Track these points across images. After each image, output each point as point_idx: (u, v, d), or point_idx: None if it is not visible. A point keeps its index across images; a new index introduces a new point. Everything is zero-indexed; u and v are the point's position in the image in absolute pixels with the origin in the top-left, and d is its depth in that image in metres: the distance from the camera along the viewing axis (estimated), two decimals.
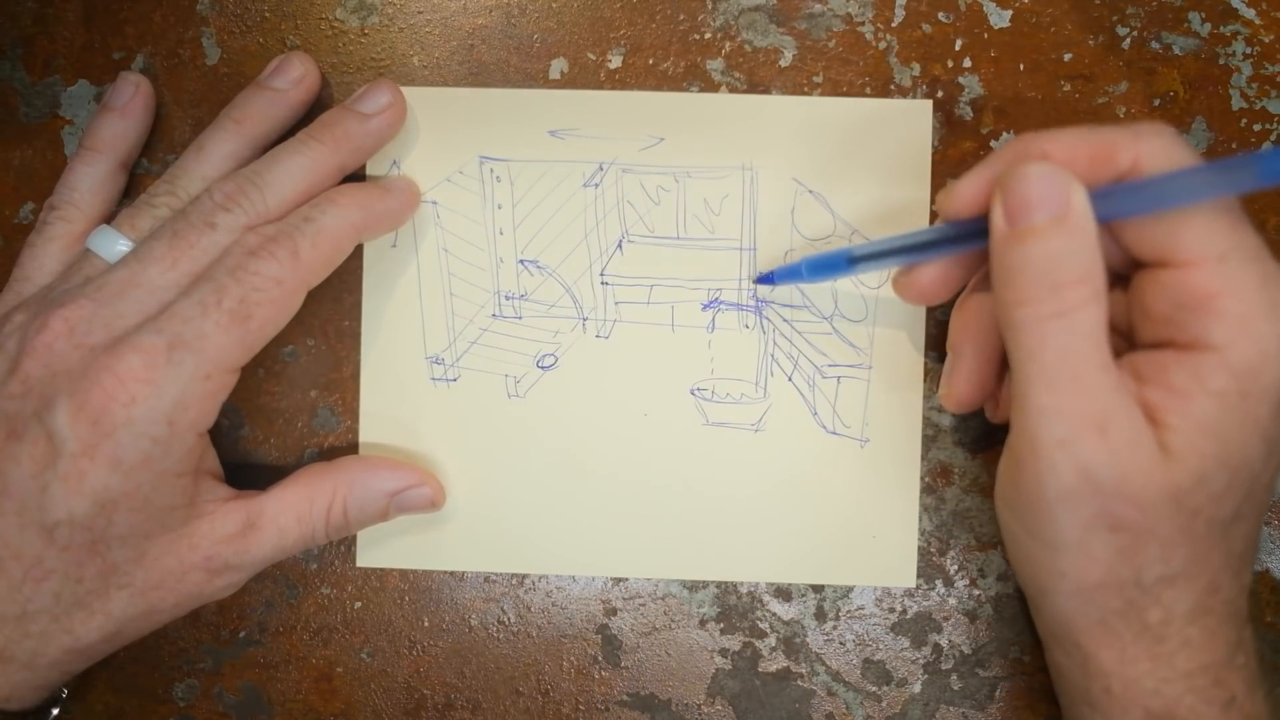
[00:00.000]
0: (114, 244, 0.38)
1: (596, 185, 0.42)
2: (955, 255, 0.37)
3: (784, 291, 0.42)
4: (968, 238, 0.35)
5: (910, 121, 0.42)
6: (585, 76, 0.43)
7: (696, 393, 0.43)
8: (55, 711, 0.40)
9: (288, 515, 0.39)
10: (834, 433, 0.42)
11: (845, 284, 0.42)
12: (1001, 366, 0.39)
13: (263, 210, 0.37)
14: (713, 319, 0.42)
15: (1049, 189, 0.32)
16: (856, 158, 0.42)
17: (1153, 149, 0.32)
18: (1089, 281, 0.32)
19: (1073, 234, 0.32)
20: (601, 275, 0.43)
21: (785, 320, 0.42)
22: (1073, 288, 0.31)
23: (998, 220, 0.33)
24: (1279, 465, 0.34)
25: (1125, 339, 0.36)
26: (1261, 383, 0.31)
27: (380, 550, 0.43)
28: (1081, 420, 0.32)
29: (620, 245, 0.43)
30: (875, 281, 0.42)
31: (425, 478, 0.41)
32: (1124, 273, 0.35)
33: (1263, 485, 0.34)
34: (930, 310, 0.42)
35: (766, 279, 0.42)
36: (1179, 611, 0.34)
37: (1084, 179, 0.32)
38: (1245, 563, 0.35)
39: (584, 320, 0.43)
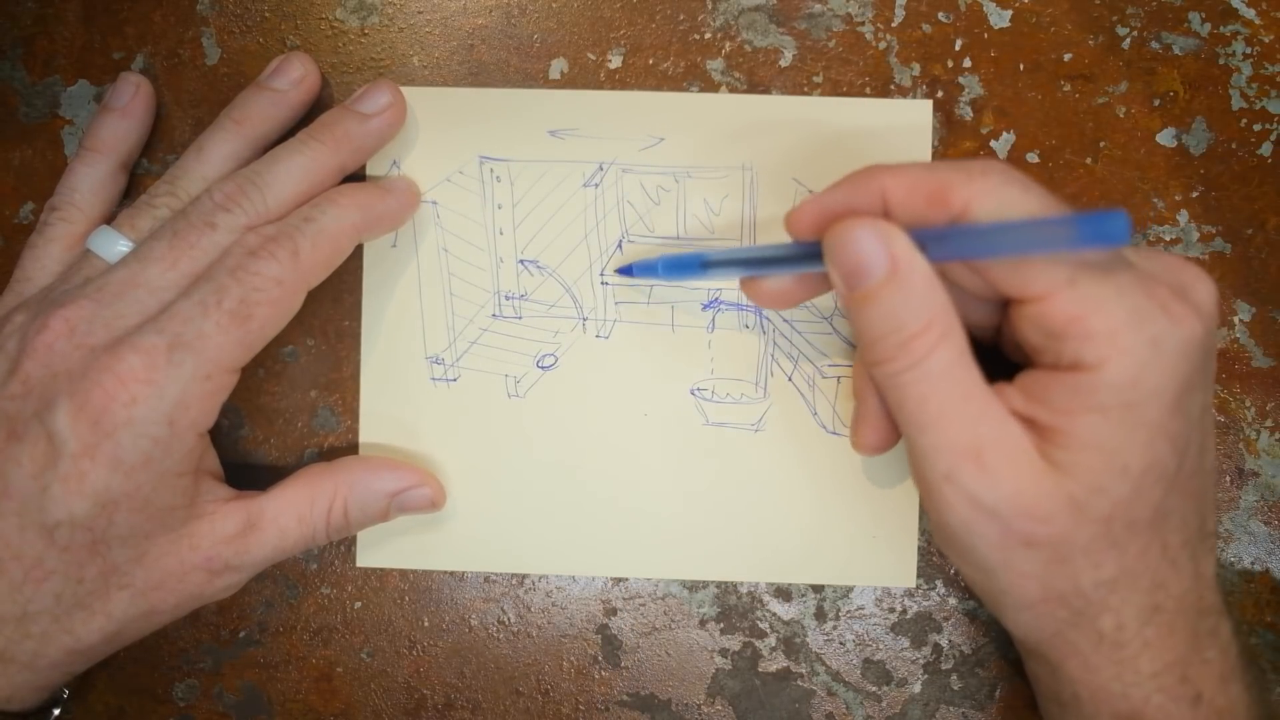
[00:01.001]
0: (114, 244, 0.38)
1: (596, 185, 0.42)
2: (800, 273, 0.37)
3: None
4: (811, 258, 0.35)
5: (910, 121, 0.42)
6: (585, 76, 0.43)
7: (696, 393, 0.43)
8: (56, 712, 0.40)
9: (288, 516, 0.39)
10: (834, 433, 0.42)
11: None
12: None
13: (263, 210, 0.37)
14: (713, 319, 0.42)
15: (872, 249, 0.32)
16: (856, 158, 0.42)
17: (983, 190, 0.32)
18: (934, 326, 0.32)
19: (905, 286, 0.32)
20: (601, 275, 0.43)
21: (785, 320, 0.42)
22: (919, 339, 0.32)
23: (836, 283, 0.33)
24: (1205, 453, 0.34)
25: (1023, 355, 0.36)
26: (1144, 390, 0.31)
27: (380, 550, 0.43)
28: (955, 453, 0.32)
29: (620, 245, 0.43)
30: None
31: (425, 478, 0.41)
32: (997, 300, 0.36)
33: (1187, 476, 0.34)
34: None
35: (626, 270, 0.42)
36: (1129, 614, 0.34)
37: (920, 218, 0.32)
38: (1189, 554, 0.35)
39: (584, 320, 0.43)
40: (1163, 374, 0.31)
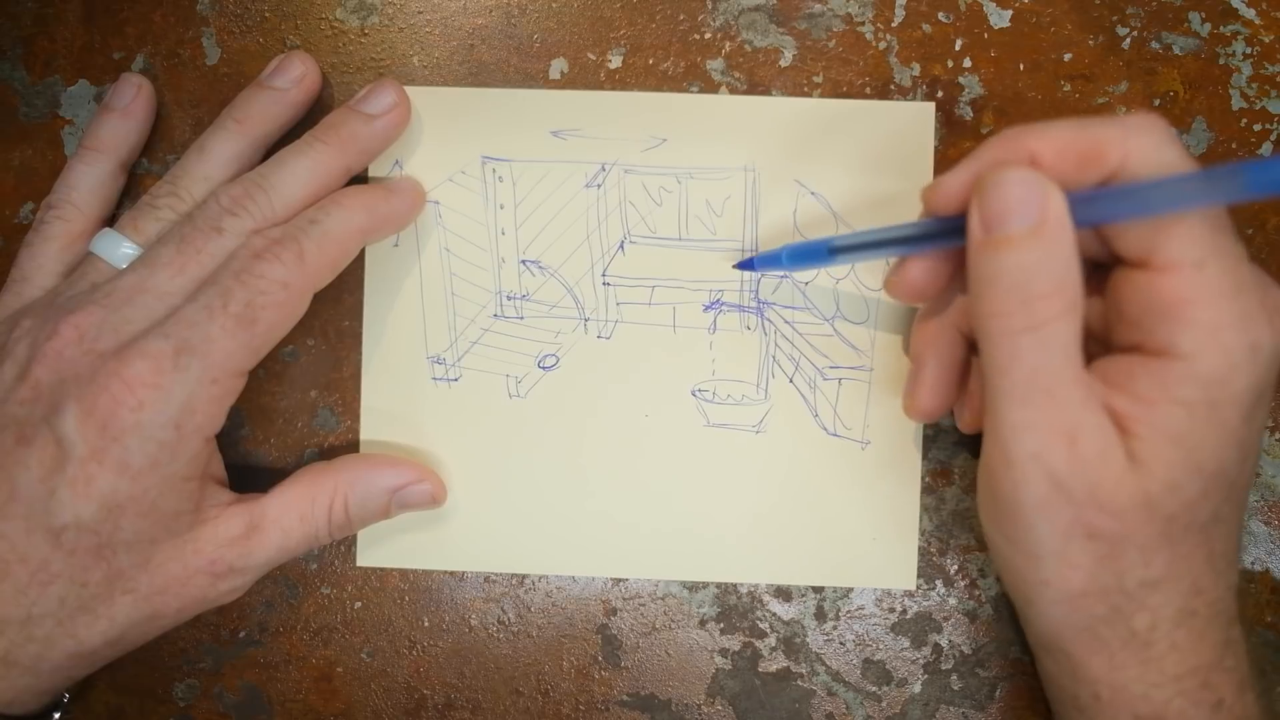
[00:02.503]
0: (118, 247, 0.38)
1: (599, 186, 0.42)
2: (942, 251, 0.36)
3: (785, 293, 0.42)
4: (952, 234, 0.34)
5: (912, 124, 0.42)
6: (585, 77, 0.43)
7: (698, 394, 0.43)
8: (57, 716, 0.40)
9: (290, 516, 0.39)
10: (835, 434, 0.42)
11: (846, 285, 0.42)
12: (965, 376, 0.39)
13: (269, 214, 0.38)
14: (714, 320, 0.42)
15: (1025, 197, 0.31)
16: (859, 160, 0.42)
17: (1141, 146, 0.31)
18: (1063, 294, 0.31)
19: (1048, 245, 0.31)
20: (603, 276, 0.43)
21: (787, 322, 0.42)
22: (1046, 301, 0.31)
23: (974, 226, 0.32)
24: (1255, 465, 0.34)
25: (1100, 340, 0.36)
26: (1229, 391, 0.31)
27: (380, 550, 0.43)
28: (1052, 433, 0.32)
29: (622, 246, 0.43)
30: (876, 283, 0.42)
31: (426, 474, 0.41)
32: (1105, 264, 0.35)
33: (1240, 486, 0.34)
34: None
35: (747, 264, 0.42)
36: (1165, 615, 0.34)
37: (1071, 178, 0.32)
38: (1229, 562, 0.35)
39: (585, 321, 0.43)
40: (1251, 379, 0.31)
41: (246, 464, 0.43)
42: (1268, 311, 0.31)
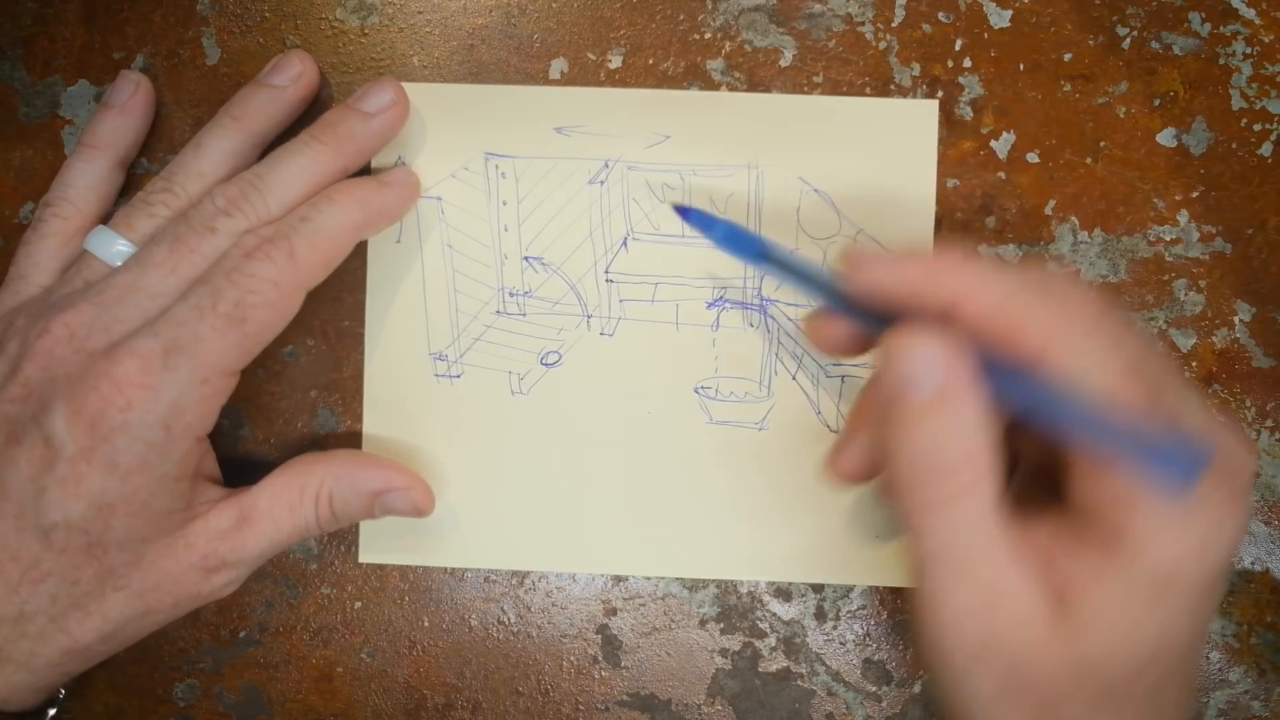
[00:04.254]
0: (112, 245, 0.38)
1: (602, 182, 0.42)
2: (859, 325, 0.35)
3: (789, 290, 0.42)
4: (868, 316, 0.33)
5: (916, 121, 0.42)
6: (585, 77, 0.43)
7: (700, 391, 0.43)
8: (52, 712, 0.40)
9: (279, 506, 0.39)
10: (837, 432, 0.42)
11: None
12: None
13: (264, 214, 0.37)
14: (717, 317, 0.42)
15: (928, 366, 0.30)
16: (862, 157, 0.42)
17: (1067, 343, 0.30)
18: (971, 466, 0.30)
19: (950, 417, 0.30)
20: (606, 273, 0.43)
21: (790, 319, 0.42)
22: (953, 476, 0.30)
23: (878, 383, 0.31)
24: (1203, 642, 0.33)
25: (1047, 481, 0.34)
26: (1176, 583, 0.30)
27: (382, 547, 0.43)
28: (972, 600, 0.30)
29: (625, 243, 0.43)
30: None
31: (413, 481, 0.41)
32: None
33: (1190, 661, 0.33)
34: None
35: (683, 210, 0.41)
36: None
37: (989, 341, 0.31)
38: (1189, 695, 0.34)
39: (588, 318, 0.43)
40: (1203, 571, 0.30)
41: (247, 464, 0.43)
42: (1219, 507, 0.30)
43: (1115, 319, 0.31)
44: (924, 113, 0.42)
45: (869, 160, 0.42)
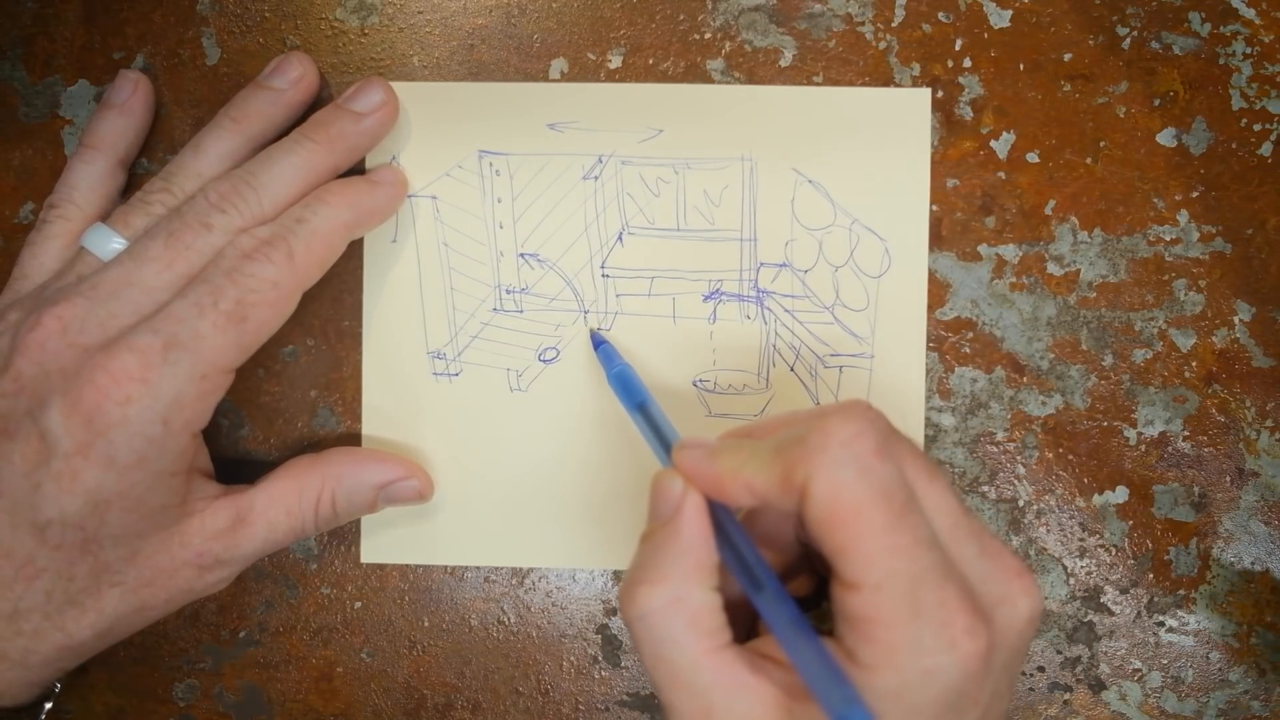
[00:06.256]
0: (108, 242, 0.38)
1: (596, 178, 0.42)
2: None
3: (785, 281, 0.42)
4: None
5: (909, 111, 0.42)
6: (585, 76, 0.43)
7: (699, 384, 0.43)
8: (48, 706, 0.40)
9: (276, 509, 0.39)
10: None
11: (846, 273, 0.42)
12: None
13: (258, 212, 0.37)
14: (714, 310, 0.42)
15: (668, 496, 0.32)
16: (855, 147, 0.42)
17: (817, 469, 0.30)
18: (668, 584, 0.31)
19: (670, 537, 0.32)
20: (602, 268, 0.43)
21: (787, 310, 0.42)
22: (652, 587, 0.31)
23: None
24: None
25: None
26: (904, 707, 0.29)
27: (383, 546, 0.43)
28: (689, 712, 0.31)
29: (620, 237, 0.43)
30: (876, 270, 0.42)
31: (413, 470, 0.41)
32: None
33: None
34: (931, 302, 0.42)
35: (597, 341, 0.42)
36: None
37: (779, 499, 0.31)
38: None
39: (585, 313, 0.43)
40: (926, 700, 0.30)
41: (246, 464, 0.43)
42: (949, 638, 0.29)
43: (867, 446, 0.30)
44: (917, 101, 0.42)
45: (863, 151, 0.42)
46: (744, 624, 0.33)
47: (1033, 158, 0.43)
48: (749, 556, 0.32)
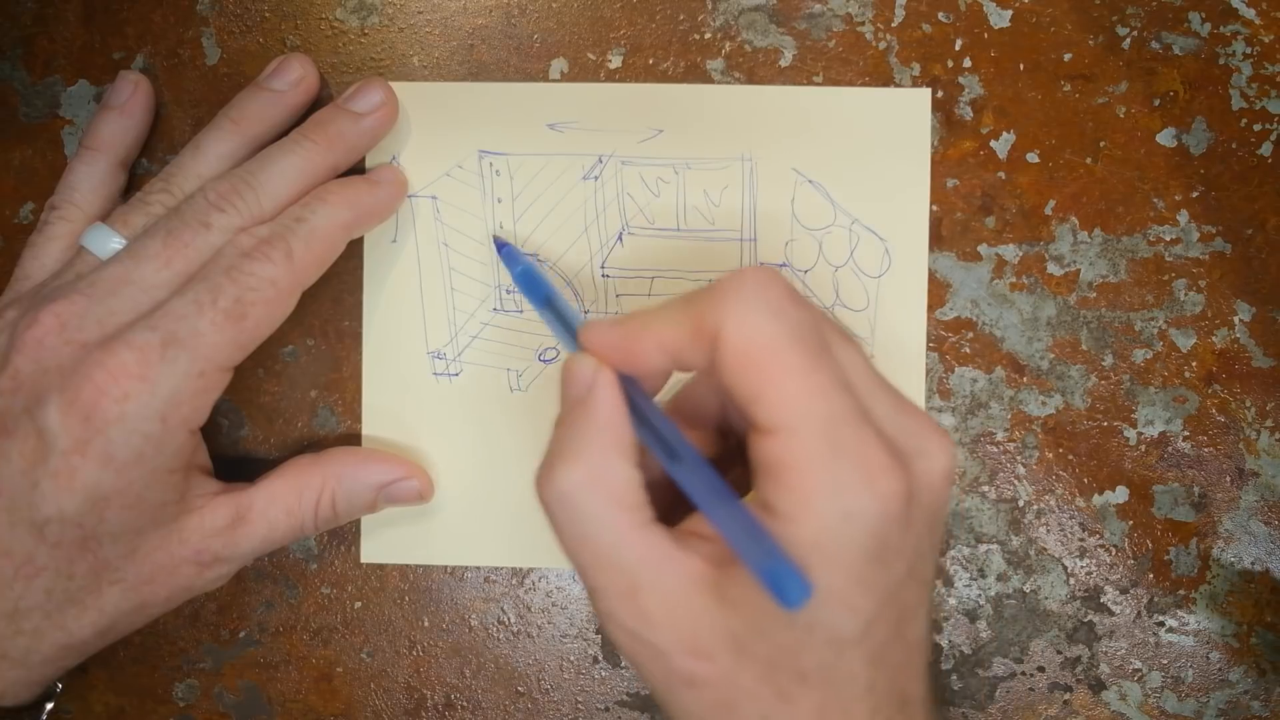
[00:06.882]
0: (108, 241, 0.38)
1: (596, 178, 0.42)
2: None
3: None
4: None
5: (908, 110, 0.42)
6: (585, 76, 0.43)
7: None
8: (49, 706, 0.40)
9: (276, 508, 0.39)
10: None
11: (846, 273, 0.42)
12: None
13: (257, 211, 0.37)
14: None
15: (580, 375, 0.32)
16: (855, 147, 0.42)
17: (729, 315, 0.30)
18: (583, 461, 0.31)
19: (585, 418, 0.31)
20: (602, 268, 0.43)
21: None
22: (567, 466, 0.31)
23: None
24: (898, 622, 0.31)
25: None
26: (825, 554, 0.29)
27: (383, 546, 0.43)
28: (612, 594, 0.31)
29: (620, 237, 0.43)
30: (876, 270, 0.42)
31: (413, 470, 0.41)
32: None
33: (877, 643, 0.30)
34: (931, 302, 0.42)
35: (501, 245, 0.42)
36: None
37: (690, 355, 0.31)
38: (906, 669, 0.32)
39: (585, 313, 0.43)
40: (848, 546, 0.29)
41: (247, 464, 0.43)
42: (866, 475, 0.29)
43: (779, 292, 0.30)
44: (917, 101, 0.42)
45: (863, 151, 0.42)
46: (664, 507, 0.32)
47: (1033, 158, 0.43)
48: (664, 430, 0.32)
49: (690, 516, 0.32)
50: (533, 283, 0.39)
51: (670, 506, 0.33)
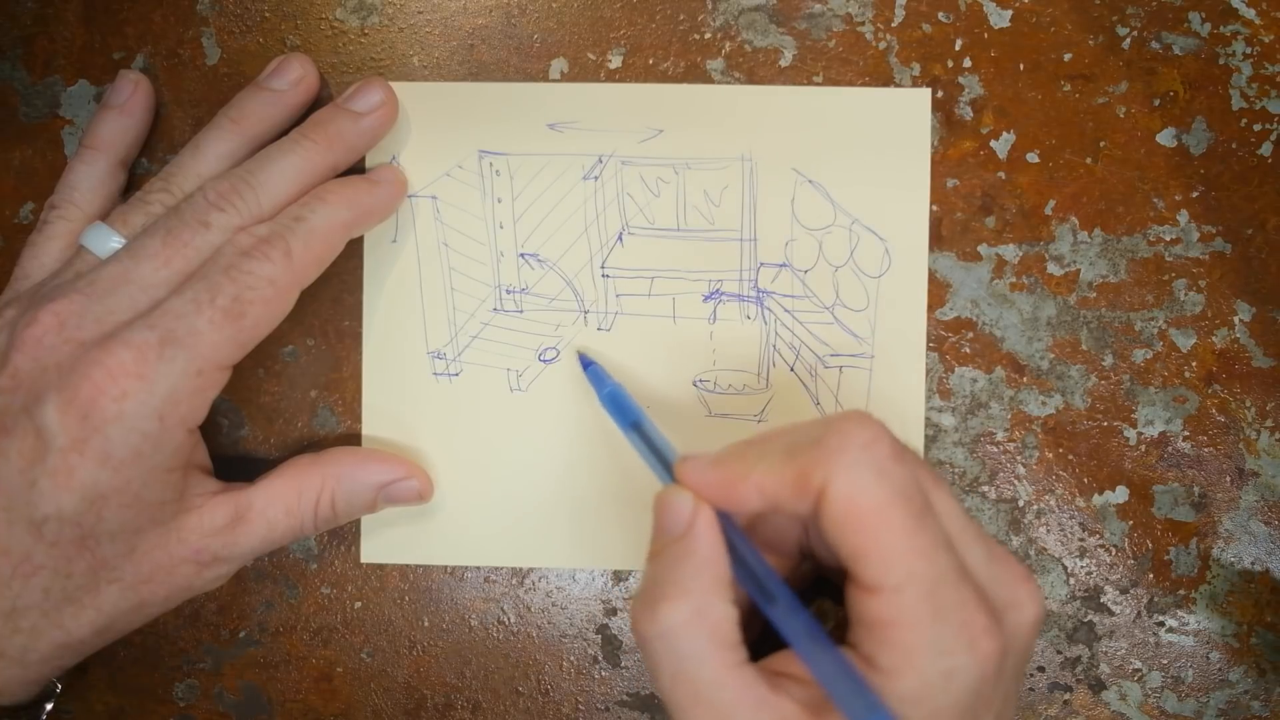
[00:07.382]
0: (107, 240, 0.38)
1: (596, 178, 0.42)
2: None
3: (785, 282, 0.42)
4: None
5: (909, 110, 0.42)
6: (585, 76, 0.43)
7: (699, 384, 0.43)
8: (49, 706, 0.40)
9: (276, 508, 0.39)
10: None
11: (846, 273, 0.42)
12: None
13: (256, 211, 0.37)
14: (714, 310, 0.42)
15: (678, 512, 0.32)
16: (855, 147, 0.42)
17: (836, 471, 0.30)
18: (687, 599, 0.30)
19: (686, 555, 0.31)
20: (602, 268, 0.43)
21: (787, 310, 0.42)
22: (670, 603, 0.30)
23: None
24: None
25: None
26: (924, 711, 0.29)
27: (383, 546, 0.43)
28: None
29: (620, 237, 0.43)
30: (876, 270, 0.42)
31: (413, 470, 0.41)
32: None
33: None
34: (931, 302, 0.42)
35: (586, 362, 0.42)
36: None
37: (790, 503, 0.31)
38: None
39: (585, 313, 0.43)
40: (946, 704, 0.29)
41: (247, 464, 0.43)
42: (968, 637, 0.30)
43: (884, 450, 0.30)
44: (917, 101, 0.42)
45: (863, 151, 0.42)
46: (748, 639, 0.32)
47: (1033, 158, 0.43)
48: (759, 569, 0.32)
49: (778, 655, 0.32)
50: (621, 406, 0.39)
51: (753, 638, 0.33)
